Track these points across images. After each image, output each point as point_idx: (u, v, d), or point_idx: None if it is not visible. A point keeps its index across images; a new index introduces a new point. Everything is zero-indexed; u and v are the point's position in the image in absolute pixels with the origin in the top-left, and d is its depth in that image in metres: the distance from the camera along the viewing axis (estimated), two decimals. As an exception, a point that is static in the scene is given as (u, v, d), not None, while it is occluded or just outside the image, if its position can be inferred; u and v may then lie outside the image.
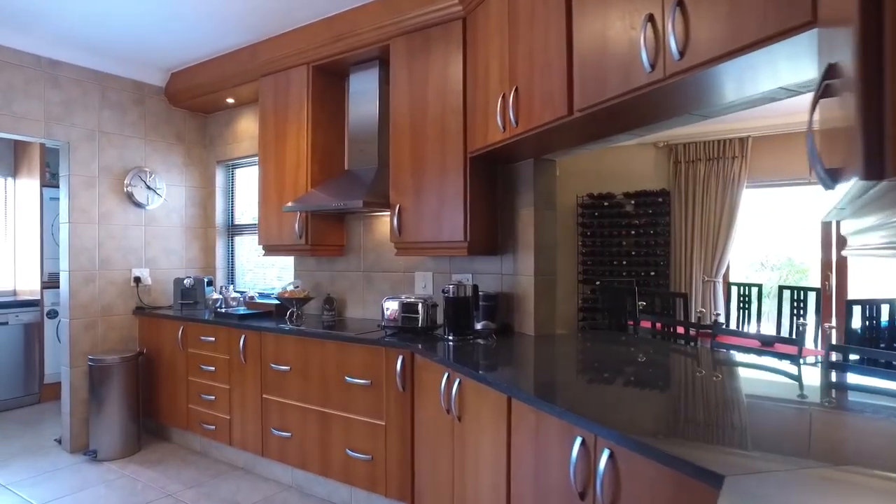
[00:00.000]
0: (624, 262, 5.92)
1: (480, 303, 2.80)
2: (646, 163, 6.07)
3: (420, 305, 2.81)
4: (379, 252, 3.44)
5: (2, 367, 4.70)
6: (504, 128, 2.38)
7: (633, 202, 5.97)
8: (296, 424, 3.02)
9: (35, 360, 4.89)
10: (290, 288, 3.56)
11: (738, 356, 2.40)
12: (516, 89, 2.29)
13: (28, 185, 5.06)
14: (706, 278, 5.70)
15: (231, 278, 4.50)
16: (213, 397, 3.46)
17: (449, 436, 2.25)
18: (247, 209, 4.45)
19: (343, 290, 3.61)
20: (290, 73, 3.44)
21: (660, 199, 5.84)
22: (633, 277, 5.79)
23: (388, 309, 2.85)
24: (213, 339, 3.46)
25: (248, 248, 4.45)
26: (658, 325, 3.75)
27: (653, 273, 5.83)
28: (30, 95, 3.54)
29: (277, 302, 3.66)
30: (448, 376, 2.23)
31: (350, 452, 2.78)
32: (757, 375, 2.02)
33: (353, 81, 3.36)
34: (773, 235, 5.93)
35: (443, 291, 2.70)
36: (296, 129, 3.41)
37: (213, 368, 3.46)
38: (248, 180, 4.43)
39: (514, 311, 2.92)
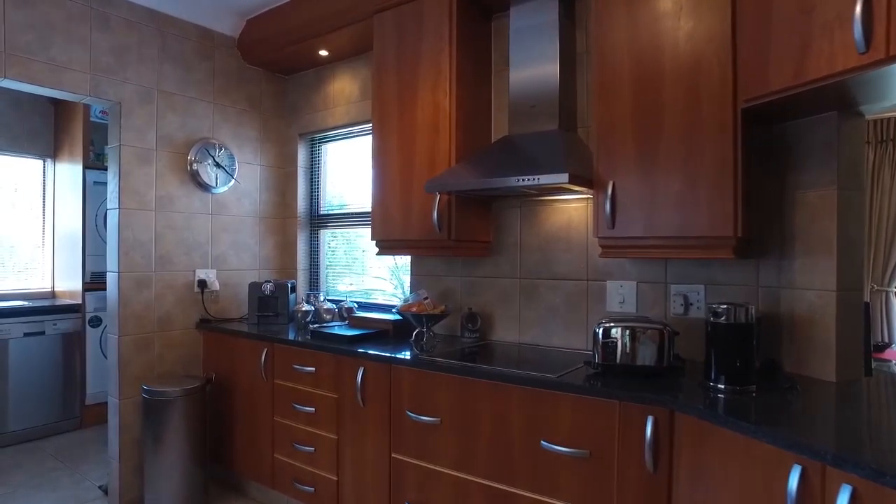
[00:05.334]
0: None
1: (748, 332, 1.82)
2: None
3: (658, 334, 1.84)
4: (546, 251, 2.48)
5: (38, 387, 3.85)
6: (867, 45, 1.39)
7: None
8: (449, 501, 2.08)
9: (76, 377, 4.04)
10: (414, 299, 2.62)
11: None
12: (910, -27, 1.31)
13: (69, 170, 4.21)
14: (875, 287, 4.64)
15: (315, 283, 3.58)
16: (311, 448, 2.54)
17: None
18: (335, 195, 3.53)
19: (487, 304, 2.65)
20: (422, 5, 2.50)
21: (814, 191, 4.80)
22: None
23: (606, 337, 1.89)
24: (313, 368, 2.53)
25: (334, 244, 3.53)
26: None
27: (803, 280, 4.79)
28: (72, 39, 2.65)
29: (396, 318, 2.72)
30: (803, 471, 1.26)
31: (548, 557, 1.83)
32: None
33: (517, 15, 2.40)
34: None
35: (713, 314, 1.72)
36: (431, 83, 2.46)
37: (312, 409, 2.53)
38: (340, 158, 3.50)
39: (786, 341, 1.93)
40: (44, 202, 4.44)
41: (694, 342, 2.10)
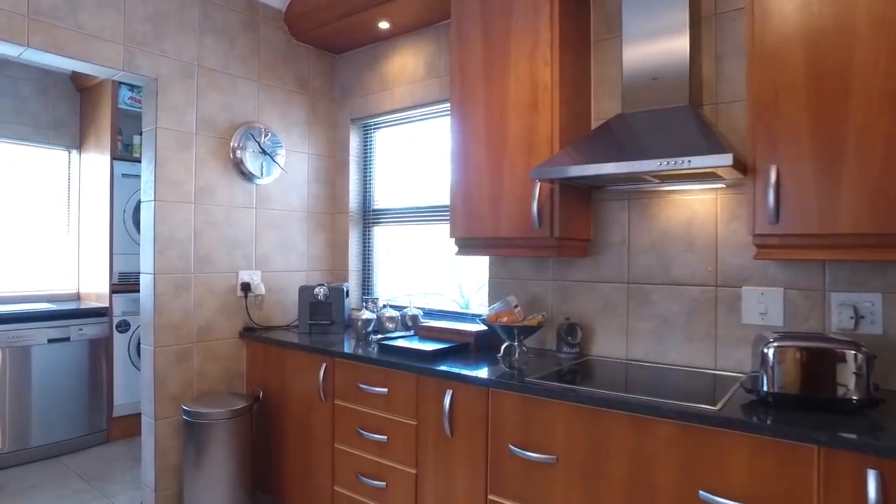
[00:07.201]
0: None
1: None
2: None
3: (853, 357, 1.45)
4: (662, 251, 2.08)
5: (63, 398, 3.52)
6: None
7: None
8: (565, 558, 1.70)
9: (103, 386, 3.69)
10: (502, 307, 2.24)
11: None
12: None
13: (96, 161, 3.88)
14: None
15: (368, 287, 3.21)
16: (382, 483, 2.16)
17: None
18: (390, 188, 3.15)
19: (585, 313, 2.26)
20: (514, -40, 2.12)
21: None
22: None
23: (781, 359, 1.49)
24: (386, 389, 2.16)
25: (385, 243, 3.16)
26: None
27: None
28: (104, 2, 2.30)
29: (477, 328, 2.35)
30: None
31: None
32: None
33: (631, -34, 2.01)
34: None
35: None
36: (527, 50, 2.08)
37: (383, 437, 2.16)
38: (396, 147, 3.12)
39: None
40: (69, 196, 4.12)
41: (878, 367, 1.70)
